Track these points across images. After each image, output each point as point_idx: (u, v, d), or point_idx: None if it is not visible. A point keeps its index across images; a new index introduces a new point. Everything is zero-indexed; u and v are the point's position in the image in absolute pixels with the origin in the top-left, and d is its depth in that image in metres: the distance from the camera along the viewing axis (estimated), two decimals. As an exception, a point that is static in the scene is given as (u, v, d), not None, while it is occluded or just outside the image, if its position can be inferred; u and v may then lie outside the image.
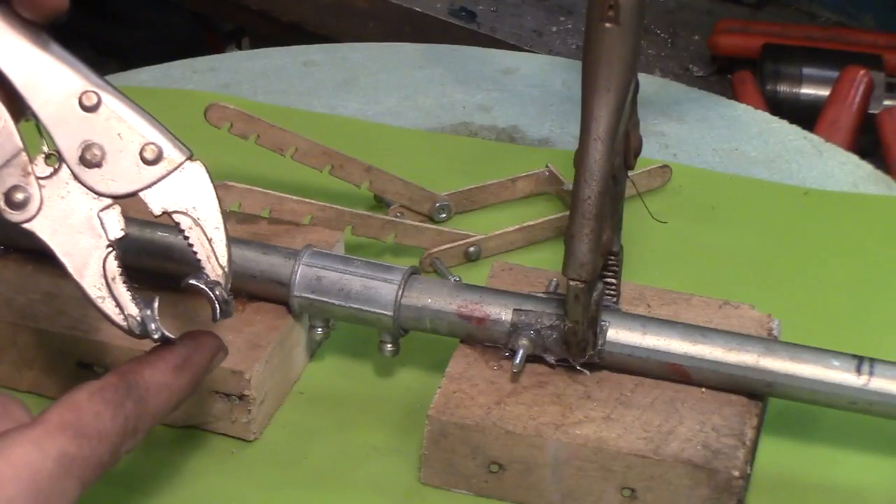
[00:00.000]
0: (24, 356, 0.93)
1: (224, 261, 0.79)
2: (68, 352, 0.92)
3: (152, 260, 0.95)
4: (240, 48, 2.47)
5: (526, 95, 1.35)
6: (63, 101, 0.77)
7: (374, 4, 2.04)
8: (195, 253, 0.79)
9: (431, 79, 1.37)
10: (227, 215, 0.80)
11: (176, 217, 0.78)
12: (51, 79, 0.77)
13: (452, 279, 0.98)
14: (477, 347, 0.91)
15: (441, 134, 1.28)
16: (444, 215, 1.13)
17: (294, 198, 1.04)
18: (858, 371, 0.86)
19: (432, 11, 2.02)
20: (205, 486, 0.89)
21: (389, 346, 0.93)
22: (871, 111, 1.77)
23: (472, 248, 1.08)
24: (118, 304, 0.77)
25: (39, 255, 0.97)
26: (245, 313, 0.94)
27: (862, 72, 1.78)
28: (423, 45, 1.44)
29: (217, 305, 0.79)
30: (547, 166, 1.18)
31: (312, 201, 1.04)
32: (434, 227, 1.10)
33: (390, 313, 0.91)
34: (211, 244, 0.79)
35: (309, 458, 0.91)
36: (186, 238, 0.79)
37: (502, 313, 0.90)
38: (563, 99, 1.34)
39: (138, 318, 0.77)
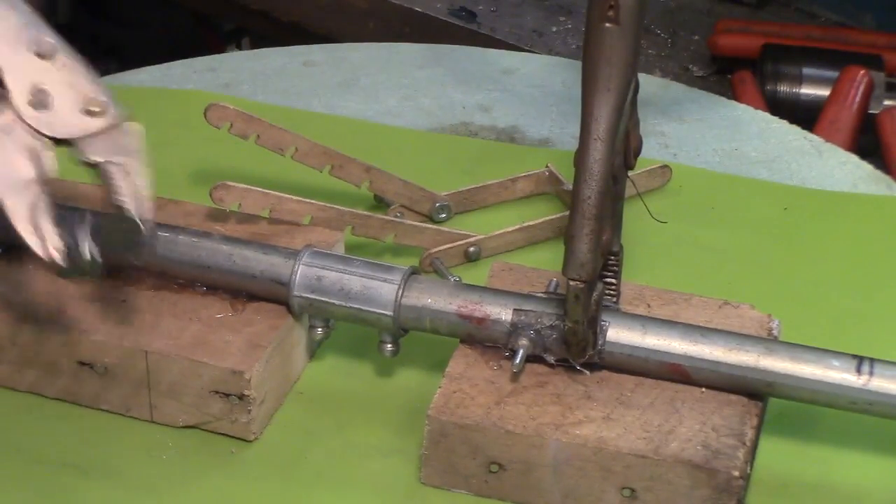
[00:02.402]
0: (24, 356, 0.93)
1: (147, 212, 0.84)
2: (68, 352, 0.92)
3: (154, 260, 0.95)
4: (240, 48, 2.47)
5: (526, 95, 1.35)
6: (17, 45, 0.81)
7: (374, 4, 2.03)
8: (122, 197, 0.83)
9: (431, 79, 1.37)
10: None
11: (107, 167, 0.83)
12: (5, 24, 0.81)
13: (452, 279, 0.98)
14: (477, 347, 0.91)
15: (441, 134, 1.28)
16: (444, 215, 1.13)
17: (294, 198, 1.04)
18: (858, 371, 0.86)
19: (432, 11, 2.01)
20: (205, 486, 0.89)
21: (389, 346, 0.93)
22: (871, 111, 1.77)
23: (472, 248, 1.08)
24: (47, 239, 0.81)
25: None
26: (245, 313, 0.94)
27: (862, 72, 1.77)
28: (423, 45, 1.44)
29: (141, 225, 0.83)
30: (547, 166, 1.18)
31: (312, 201, 1.04)
32: (434, 227, 1.10)
33: (390, 313, 0.91)
34: (137, 191, 0.84)
35: (309, 458, 0.91)
36: (112, 184, 0.83)
37: (502, 313, 0.90)
38: (563, 99, 1.34)
39: (64, 251, 0.81)
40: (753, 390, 0.88)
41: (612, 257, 0.89)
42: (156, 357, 0.90)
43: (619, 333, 0.88)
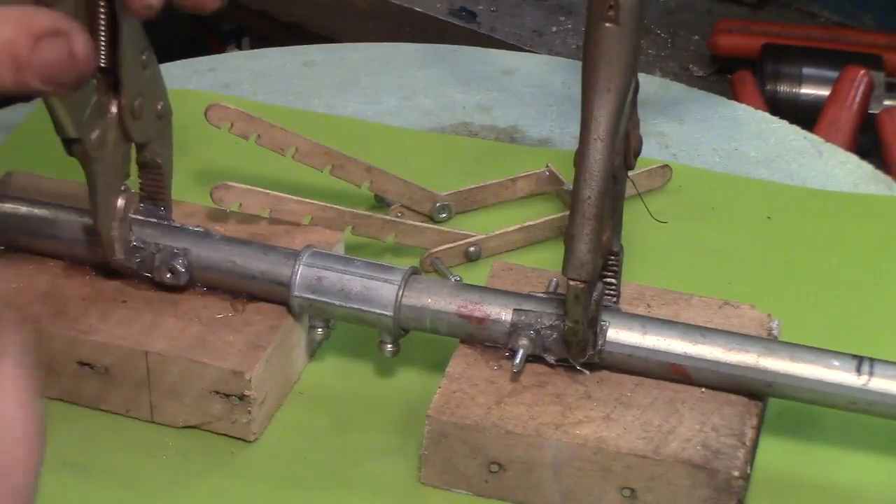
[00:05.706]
0: (25, 356, 0.93)
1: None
2: (68, 352, 0.92)
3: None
4: (240, 48, 2.47)
5: (526, 95, 1.35)
6: (135, 58, 0.87)
7: (373, 4, 2.04)
8: (159, 196, 0.93)
9: (431, 79, 1.37)
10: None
11: (149, 170, 0.92)
12: (131, 39, 0.87)
13: (452, 279, 0.98)
14: (477, 347, 0.91)
15: (441, 134, 1.28)
16: (444, 215, 1.13)
17: (294, 198, 1.04)
18: (858, 371, 0.86)
19: (432, 11, 2.01)
20: (205, 487, 0.89)
21: (389, 346, 0.93)
22: (871, 111, 1.77)
23: (472, 248, 1.08)
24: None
25: (39, 255, 0.97)
26: (245, 313, 0.94)
27: (862, 72, 1.77)
28: (423, 45, 1.44)
29: None
30: (547, 166, 1.18)
31: (312, 201, 1.04)
32: (434, 227, 1.10)
33: (390, 313, 0.91)
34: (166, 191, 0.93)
35: (309, 458, 0.91)
36: (148, 185, 0.93)
37: (502, 313, 0.90)
38: (563, 99, 1.34)
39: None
40: (753, 390, 0.88)
41: (612, 257, 0.89)
42: (156, 357, 0.90)
43: (619, 333, 0.89)
